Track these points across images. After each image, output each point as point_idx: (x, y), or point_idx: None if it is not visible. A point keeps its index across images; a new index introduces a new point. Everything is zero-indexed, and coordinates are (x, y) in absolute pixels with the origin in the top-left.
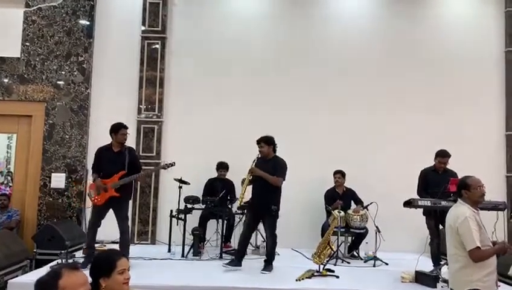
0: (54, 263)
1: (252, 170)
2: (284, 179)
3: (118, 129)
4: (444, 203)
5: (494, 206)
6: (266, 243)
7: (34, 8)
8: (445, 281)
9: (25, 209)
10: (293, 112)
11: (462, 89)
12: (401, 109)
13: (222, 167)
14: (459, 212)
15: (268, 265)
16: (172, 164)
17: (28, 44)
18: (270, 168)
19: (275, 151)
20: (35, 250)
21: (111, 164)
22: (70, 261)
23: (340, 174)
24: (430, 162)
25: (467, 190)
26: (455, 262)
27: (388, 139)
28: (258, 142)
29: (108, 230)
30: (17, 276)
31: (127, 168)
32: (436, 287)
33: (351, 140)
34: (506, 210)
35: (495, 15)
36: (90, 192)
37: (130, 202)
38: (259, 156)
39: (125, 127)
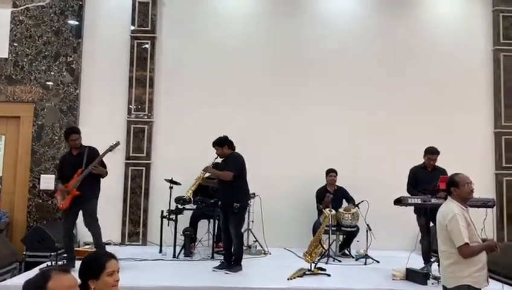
0: (44, 265)
1: (205, 168)
2: (237, 173)
3: (67, 135)
4: (433, 200)
5: (483, 203)
6: (233, 243)
7: (22, 8)
8: (436, 278)
9: (14, 211)
10: (283, 111)
11: (450, 87)
12: (390, 107)
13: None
14: (448, 209)
15: (235, 265)
16: (117, 144)
17: (15, 44)
18: (226, 165)
19: (233, 149)
20: (24, 252)
21: (71, 167)
22: (60, 263)
23: (334, 173)
24: (419, 160)
25: (456, 187)
26: (446, 259)
27: (378, 138)
28: (213, 146)
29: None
30: (5, 279)
31: (86, 166)
32: (426, 284)
33: (340, 138)
34: (495, 207)
35: (483, 14)
36: (57, 199)
37: (121, 203)
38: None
39: (75, 132)
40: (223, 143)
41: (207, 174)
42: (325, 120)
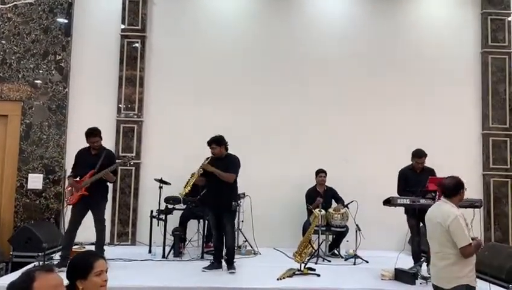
0: (31, 265)
1: (204, 166)
2: (237, 175)
3: (86, 137)
4: (422, 201)
5: (471, 204)
6: (226, 241)
7: (10, 5)
8: (424, 278)
9: (0, 211)
10: (273, 111)
11: (439, 89)
12: (380, 108)
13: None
14: (448, 211)
15: (232, 263)
16: (131, 158)
17: (3, 42)
18: (223, 165)
19: (226, 149)
20: (11, 253)
21: (86, 165)
22: (48, 263)
23: (324, 173)
24: (408, 161)
25: (463, 189)
26: (442, 259)
27: (368, 138)
28: (209, 143)
29: (87, 232)
30: None
31: (100, 169)
32: (415, 284)
33: (330, 139)
34: (482, 208)
35: (471, 16)
36: (66, 193)
37: (110, 202)
38: (213, 156)
39: (94, 135)
40: (221, 142)
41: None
42: (315, 121)
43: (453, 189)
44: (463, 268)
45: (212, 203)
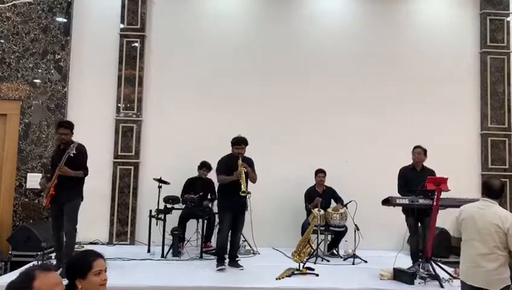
0: (30, 265)
1: (245, 166)
2: None
3: (55, 129)
4: (421, 201)
5: None
6: (235, 241)
7: (9, 4)
8: (423, 277)
9: None
10: (273, 111)
11: (438, 89)
12: (379, 108)
13: (205, 166)
14: (505, 213)
15: (237, 261)
16: (74, 145)
17: (2, 41)
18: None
19: None
20: (10, 252)
21: (55, 163)
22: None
23: (323, 173)
24: (407, 161)
25: None
26: (494, 261)
27: (367, 138)
28: (238, 143)
29: (86, 232)
30: None
31: (66, 164)
32: (413, 283)
33: (330, 139)
34: None
35: (470, 17)
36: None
37: (108, 201)
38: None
39: (63, 126)
40: (248, 143)
41: None
42: (315, 120)
43: (500, 190)
44: (508, 269)
45: (236, 202)
